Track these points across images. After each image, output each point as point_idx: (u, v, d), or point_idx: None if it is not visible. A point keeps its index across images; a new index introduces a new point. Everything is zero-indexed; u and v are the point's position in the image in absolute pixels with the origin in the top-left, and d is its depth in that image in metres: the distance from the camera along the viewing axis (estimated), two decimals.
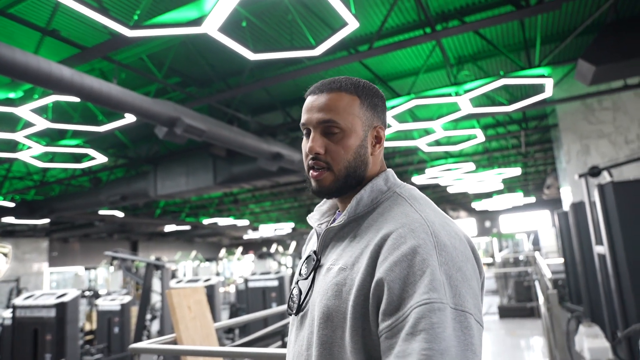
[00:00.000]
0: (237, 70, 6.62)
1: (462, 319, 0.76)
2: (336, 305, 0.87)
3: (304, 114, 1.01)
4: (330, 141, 0.97)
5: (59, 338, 5.25)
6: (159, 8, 4.85)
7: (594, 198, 4.40)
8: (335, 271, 0.92)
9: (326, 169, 0.97)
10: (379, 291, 0.81)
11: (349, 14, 3.73)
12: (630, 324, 3.80)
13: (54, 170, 11.44)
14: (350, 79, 1.01)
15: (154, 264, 6.59)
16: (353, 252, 0.92)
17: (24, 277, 18.32)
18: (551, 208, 25.59)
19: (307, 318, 0.96)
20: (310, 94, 1.01)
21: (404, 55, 6.54)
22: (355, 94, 0.99)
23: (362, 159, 0.99)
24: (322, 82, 1.02)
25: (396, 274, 0.80)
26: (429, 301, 0.75)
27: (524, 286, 10.46)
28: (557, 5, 4.28)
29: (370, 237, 0.91)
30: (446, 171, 11.48)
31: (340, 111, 0.97)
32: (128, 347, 2.42)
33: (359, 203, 0.97)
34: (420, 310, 0.75)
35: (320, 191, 0.99)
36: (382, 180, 1.00)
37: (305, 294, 0.99)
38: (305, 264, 1.04)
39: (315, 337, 0.90)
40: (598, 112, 7.59)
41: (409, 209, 0.92)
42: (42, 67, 4.17)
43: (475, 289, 0.83)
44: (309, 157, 0.98)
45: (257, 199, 17.32)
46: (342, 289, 0.88)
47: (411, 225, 0.86)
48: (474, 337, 0.76)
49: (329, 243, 1.01)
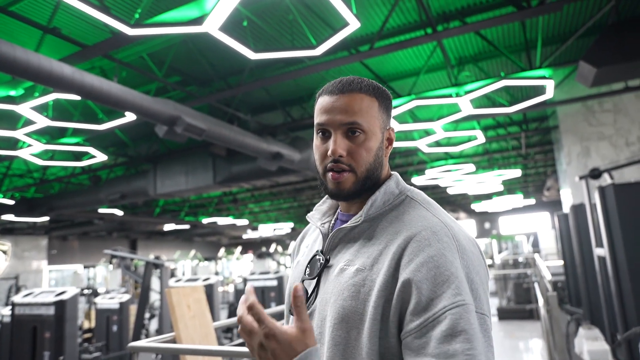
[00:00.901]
0: (237, 69, 6.61)
1: (482, 321, 0.80)
2: (353, 306, 0.87)
3: (323, 114, 0.98)
4: (352, 143, 0.96)
5: (57, 336, 5.24)
6: (160, 7, 4.85)
7: (595, 200, 4.40)
8: (351, 272, 0.91)
9: (349, 171, 0.96)
10: (406, 292, 0.82)
11: (350, 14, 3.72)
12: (630, 327, 3.79)
13: (53, 168, 11.44)
14: (368, 81, 1.01)
15: (153, 262, 6.59)
16: (370, 253, 0.92)
17: (23, 275, 18.32)
18: (551, 210, 25.59)
19: (315, 318, 0.95)
20: (328, 94, 0.99)
21: (405, 55, 6.53)
22: (374, 95, 0.99)
23: (380, 160, 1.00)
24: (339, 82, 0.99)
25: (423, 274, 0.81)
26: (464, 303, 0.78)
27: (524, 288, 10.46)
28: (558, 6, 4.28)
29: (388, 238, 0.91)
30: (446, 172, 11.48)
31: (363, 113, 0.96)
32: (127, 345, 2.41)
33: (373, 205, 0.97)
34: (457, 311, 0.77)
35: (339, 193, 0.98)
36: (394, 184, 1.01)
37: (310, 294, 0.99)
38: (309, 264, 1.03)
39: (328, 337, 0.90)
40: (599, 114, 7.59)
41: (425, 213, 0.94)
42: (43, 64, 4.16)
43: (487, 292, 0.87)
44: (329, 159, 0.96)
45: (257, 198, 17.32)
46: (360, 289, 0.88)
47: (433, 229, 0.88)
48: (491, 339, 0.81)
49: (337, 243, 1.00)
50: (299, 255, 1.17)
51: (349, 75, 1.03)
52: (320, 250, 1.03)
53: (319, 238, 1.09)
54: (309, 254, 1.08)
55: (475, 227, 28.91)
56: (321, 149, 0.98)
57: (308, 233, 1.22)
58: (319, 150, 0.99)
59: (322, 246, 1.04)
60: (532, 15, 4.45)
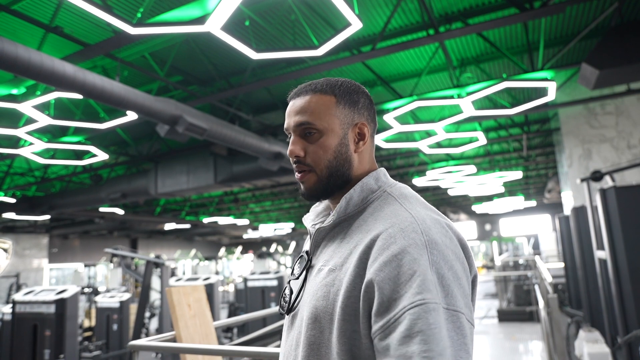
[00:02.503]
0: (239, 69, 6.62)
1: (454, 319, 0.76)
2: (324, 307, 0.87)
3: (286, 118, 1.02)
4: (308, 143, 0.98)
5: (58, 334, 5.25)
6: (162, 6, 4.86)
7: (596, 203, 4.39)
8: (325, 272, 0.91)
9: (309, 171, 0.98)
10: (370, 293, 0.80)
11: (352, 14, 3.72)
12: (630, 330, 3.78)
13: (55, 166, 11.46)
14: (328, 80, 1.01)
15: (153, 261, 6.60)
16: (342, 253, 0.91)
17: (24, 273, 18.34)
18: (552, 212, 25.59)
19: (297, 318, 0.96)
20: (290, 100, 1.03)
21: (407, 56, 6.53)
22: (332, 93, 0.99)
23: (344, 157, 0.98)
24: (300, 86, 1.02)
25: (386, 274, 0.79)
26: (423, 302, 0.74)
27: (524, 290, 10.44)
28: (561, 8, 4.27)
29: (359, 237, 0.90)
30: (447, 173, 11.47)
31: (315, 112, 0.97)
32: (127, 344, 2.41)
33: (349, 203, 0.96)
34: (415, 311, 0.73)
35: (306, 193, 1.00)
36: (373, 180, 0.99)
37: (296, 294, 0.99)
38: (298, 264, 1.04)
39: (303, 337, 0.90)
40: (601, 117, 7.58)
41: (398, 208, 0.91)
42: (45, 63, 4.17)
43: (465, 287, 0.82)
44: (292, 160, 1.00)
45: (258, 198, 17.33)
46: (330, 289, 0.87)
47: (401, 225, 0.85)
48: (466, 337, 0.76)
49: (320, 243, 1.00)
50: None
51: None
52: (307, 250, 1.04)
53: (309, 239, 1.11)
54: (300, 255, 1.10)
55: (476, 228, 28.89)
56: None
57: None
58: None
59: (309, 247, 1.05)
60: (535, 16, 4.44)
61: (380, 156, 11.18)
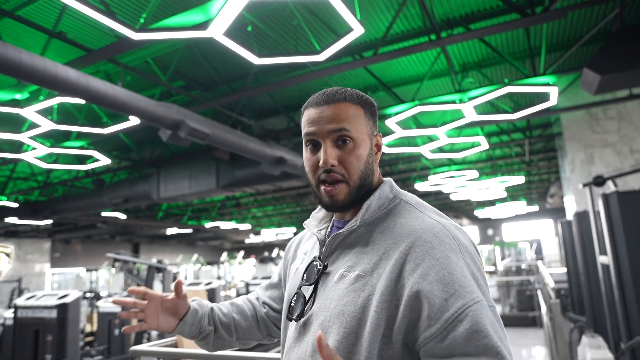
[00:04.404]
0: (241, 74, 6.64)
1: (494, 312, 0.84)
2: (352, 312, 0.87)
3: (310, 125, 0.98)
4: (342, 152, 0.96)
5: (60, 339, 5.24)
6: (165, 11, 4.88)
7: (598, 207, 4.38)
8: (352, 278, 0.91)
9: (341, 182, 0.96)
10: (416, 299, 0.82)
11: (354, 19, 3.74)
12: (633, 336, 3.76)
13: (57, 171, 11.48)
14: (352, 91, 1.02)
15: (155, 266, 6.60)
16: (370, 258, 0.91)
17: (26, 278, 18.34)
18: (554, 217, 25.49)
19: (313, 324, 0.95)
20: (314, 106, 0.99)
21: (409, 61, 6.54)
22: (359, 104, 1.00)
23: (371, 167, 1.00)
24: (324, 93, 1.00)
25: (433, 278, 0.82)
26: (478, 300, 0.81)
27: (526, 295, 10.40)
28: (562, 13, 4.28)
29: (388, 243, 0.91)
30: (449, 178, 11.46)
31: (350, 121, 0.97)
32: (128, 349, 2.41)
33: (368, 210, 0.97)
34: (476, 308, 0.80)
35: (334, 205, 0.98)
36: (388, 188, 1.02)
37: (308, 300, 0.98)
38: (307, 270, 1.03)
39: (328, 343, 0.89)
40: (603, 121, 7.57)
41: (420, 215, 0.95)
42: (49, 68, 4.19)
43: (488, 284, 0.90)
44: (321, 169, 0.96)
45: (260, 203, 17.33)
46: (360, 295, 0.88)
47: (432, 230, 0.89)
48: (503, 327, 0.86)
49: (335, 249, 1.00)
50: (296, 261, 1.17)
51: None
52: (318, 256, 1.03)
53: (316, 245, 1.09)
54: (307, 260, 1.08)
55: (478, 233, 28.80)
56: (312, 161, 0.98)
57: (304, 239, 1.22)
58: (309, 162, 0.99)
59: (319, 252, 1.04)
60: (537, 22, 4.45)
61: (382, 161, 11.18)
